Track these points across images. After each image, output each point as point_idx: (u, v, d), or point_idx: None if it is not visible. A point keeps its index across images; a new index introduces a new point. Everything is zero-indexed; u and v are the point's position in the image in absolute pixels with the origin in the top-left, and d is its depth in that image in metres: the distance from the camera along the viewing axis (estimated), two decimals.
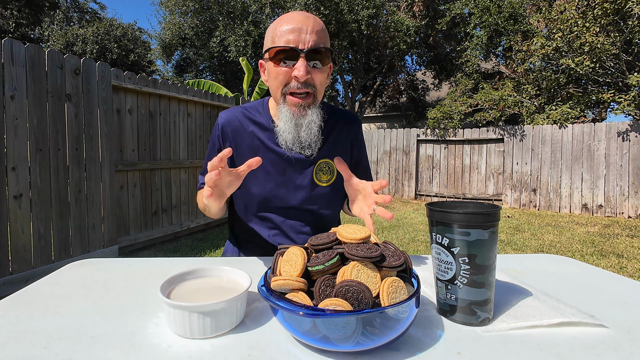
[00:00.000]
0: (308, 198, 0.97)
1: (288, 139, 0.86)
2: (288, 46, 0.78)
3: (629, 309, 0.63)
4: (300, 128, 0.84)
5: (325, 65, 0.83)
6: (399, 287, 0.49)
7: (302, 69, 0.78)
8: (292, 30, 0.78)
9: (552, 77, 8.06)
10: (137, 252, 4.01)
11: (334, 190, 0.99)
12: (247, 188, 0.97)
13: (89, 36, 13.79)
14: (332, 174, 0.97)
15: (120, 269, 0.83)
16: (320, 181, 0.96)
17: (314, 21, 0.80)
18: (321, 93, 0.86)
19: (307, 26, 0.78)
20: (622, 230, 5.26)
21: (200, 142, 5.10)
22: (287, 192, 0.96)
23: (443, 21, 11.14)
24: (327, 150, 0.97)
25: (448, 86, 14.36)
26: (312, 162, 0.95)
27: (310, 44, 0.78)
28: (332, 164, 0.97)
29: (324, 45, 0.81)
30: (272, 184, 0.95)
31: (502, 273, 0.78)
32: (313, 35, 0.79)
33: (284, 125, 0.85)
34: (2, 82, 2.68)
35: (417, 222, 5.86)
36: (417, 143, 8.44)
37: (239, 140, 0.96)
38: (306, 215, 0.99)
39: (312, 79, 0.81)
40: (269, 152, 0.94)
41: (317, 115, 0.85)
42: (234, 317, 0.55)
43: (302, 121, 0.84)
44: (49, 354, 0.48)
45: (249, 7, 11.84)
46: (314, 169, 0.95)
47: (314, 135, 0.86)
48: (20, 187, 2.79)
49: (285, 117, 0.84)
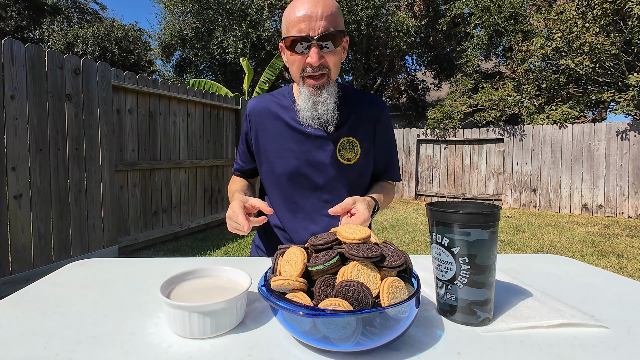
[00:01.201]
0: (333, 177, 1.00)
1: (307, 116, 0.94)
2: (300, 35, 0.85)
3: (629, 309, 0.63)
4: (318, 105, 0.93)
5: (337, 46, 0.89)
6: (399, 287, 0.49)
7: (315, 56, 0.86)
8: (303, 19, 0.85)
9: (552, 77, 8.06)
10: (137, 252, 4.01)
11: (359, 169, 1.03)
12: (273, 169, 1.02)
13: (90, 37, 13.78)
14: (357, 152, 1.02)
15: (120, 269, 0.83)
16: (345, 159, 1.01)
17: (323, 6, 0.85)
18: (336, 72, 0.93)
19: (317, 13, 0.85)
20: (622, 230, 5.26)
21: (201, 142, 5.10)
22: (312, 170, 1.00)
23: (443, 21, 11.14)
24: (349, 129, 1.01)
25: (448, 86, 14.37)
26: (334, 140, 0.99)
27: (320, 30, 0.85)
28: (356, 142, 1.01)
29: (335, 28, 0.87)
30: (296, 162, 1.00)
31: (502, 273, 0.78)
32: (323, 21, 0.85)
33: (303, 103, 0.94)
34: (2, 82, 2.68)
35: (417, 222, 5.86)
36: (417, 143, 8.44)
37: (264, 122, 1.03)
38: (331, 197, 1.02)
39: (326, 61, 0.89)
40: (292, 131, 1.00)
41: (332, 93, 0.93)
42: (234, 317, 0.55)
43: (319, 99, 0.92)
44: (49, 354, 0.48)
45: (247, 8, 11.84)
46: (337, 147, 1.00)
47: (330, 111, 0.94)
48: (20, 187, 2.79)
49: (304, 96, 0.93)
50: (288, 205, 1.03)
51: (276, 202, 1.05)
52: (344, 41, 0.92)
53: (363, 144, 1.02)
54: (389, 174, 1.14)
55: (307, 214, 1.02)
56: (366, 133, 1.03)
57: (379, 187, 1.09)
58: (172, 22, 13.80)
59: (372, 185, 1.11)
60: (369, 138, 1.04)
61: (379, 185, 1.11)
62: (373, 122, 1.04)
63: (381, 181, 1.14)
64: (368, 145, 1.03)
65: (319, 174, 1.00)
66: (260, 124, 1.03)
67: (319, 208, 1.01)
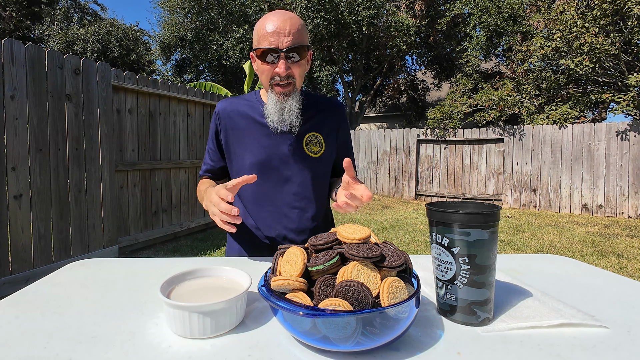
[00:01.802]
0: (301, 169, 1.07)
1: (274, 119, 1.03)
2: (270, 47, 0.94)
3: (629, 309, 0.63)
4: (284, 110, 1.02)
5: (302, 58, 0.99)
6: (399, 287, 0.49)
7: (282, 67, 0.95)
8: (272, 34, 0.94)
9: (552, 78, 8.05)
10: (137, 252, 4.01)
11: (325, 163, 1.12)
12: (243, 164, 1.08)
13: (90, 36, 13.77)
14: (321, 146, 1.10)
15: (120, 269, 0.83)
16: (311, 152, 1.09)
17: (290, 23, 0.95)
18: (300, 81, 1.03)
19: (285, 29, 0.94)
20: (622, 230, 5.26)
21: (201, 142, 5.10)
22: (280, 163, 1.07)
23: (443, 21, 11.14)
24: (314, 125, 1.10)
25: (448, 86, 14.37)
26: (300, 134, 1.07)
27: (288, 44, 0.94)
28: (320, 137, 1.10)
29: (300, 43, 0.96)
30: (265, 155, 1.07)
31: (502, 273, 0.78)
32: (290, 36, 0.94)
33: (270, 108, 1.03)
34: (2, 82, 2.68)
35: (417, 222, 5.86)
36: (417, 143, 8.44)
37: (233, 120, 1.11)
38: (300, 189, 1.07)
39: (292, 72, 0.98)
40: (260, 126, 1.08)
41: (296, 100, 1.03)
42: (234, 317, 0.55)
43: (285, 105, 1.01)
44: (49, 354, 0.48)
45: (247, 9, 11.84)
46: (303, 140, 1.08)
47: (295, 116, 1.03)
48: (20, 187, 2.79)
49: (272, 102, 1.02)
50: (258, 200, 1.08)
51: (247, 196, 1.10)
52: (308, 54, 1.03)
53: (327, 139, 1.11)
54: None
55: (277, 207, 1.08)
56: (329, 131, 1.12)
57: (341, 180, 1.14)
58: (172, 22, 13.80)
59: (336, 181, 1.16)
60: (332, 135, 1.13)
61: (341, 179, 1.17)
62: (336, 122, 1.14)
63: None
64: (332, 141, 1.13)
65: (287, 167, 1.07)
66: (230, 122, 1.10)
67: (289, 201, 1.08)
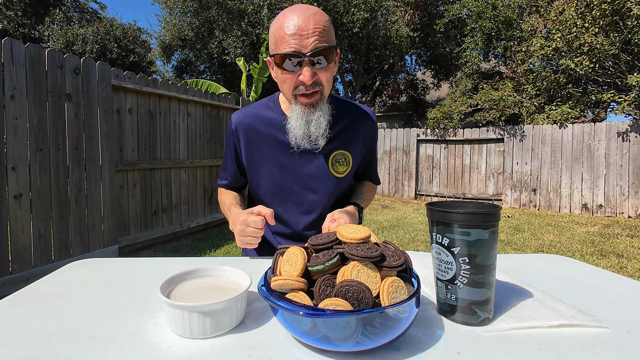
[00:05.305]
0: (326, 191, 0.98)
1: (298, 135, 0.90)
2: (290, 52, 0.80)
3: (629, 309, 0.63)
4: (310, 124, 0.89)
5: (330, 62, 0.84)
6: (399, 287, 0.49)
7: (308, 75, 0.81)
8: (293, 35, 0.79)
9: (552, 78, 8.05)
10: (137, 252, 4.01)
11: (348, 181, 1.03)
12: (263, 185, 1.00)
13: (89, 36, 13.76)
14: (349, 165, 1.00)
15: (120, 269, 0.83)
16: (337, 172, 0.98)
17: (314, 21, 0.80)
18: (328, 88, 0.89)
19: (308, 29, 0.79)
20: (622, 230, 5.26)
21: (201, 141, 5.10)
22: (303, 187, 0.98)
23: (441, 22, 11.13)
24: (342, 142, 0.98)
25: (448, 86, 14.37)
26: (326, 153, 0.96)
27: (312, 47, 0.79)
28: (348, 155, 0.99)
29: (327, 43, 0.81)
30: (286, 176, 0.97)
31: (502, 273, 0.78)
32: (314, 37, 0.79)
33: (295, 122, 0.90)
34: (2, 82, 2.67)
35: (417, 222, 5.85)
36: (417, 143, 8.44)
37: (252, 136, 0.99)
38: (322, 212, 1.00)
39: (319, 78, 0.84)
40: (280, 144, 0.96)
41: (325, 111, 0.89)
42: (234, 317, 0.55)
43: (312, 117, 0.88)
44: (49, 354, 0.48)
45: (247, 8, 11.84)
46: (329, 160, 0.97)
47: (322, 129, 0.90)
48: (20, 187, 2.79)
49: (296, 114, 0.88)
50: (277, 220, 1.02)
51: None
52: (335, 59, 0.87)
53: (354, 155, 1.01)
54: (372, 177, 1.17)
55: (295, 231, 1.01)
56: (357, 145, 1.01)
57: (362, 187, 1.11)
58: (172, 22, 13.80)
59: (355, 186, 1.13)
60: (359, 150, 1.02)
61: (361, 185, 1.13)
62: (363, 133, 1.02)
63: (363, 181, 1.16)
64: (358, 154, 1.02)
65: (311, 190, 0.98)
66: (249, 139, 0.99)
67: (308, 224, 1.01)
